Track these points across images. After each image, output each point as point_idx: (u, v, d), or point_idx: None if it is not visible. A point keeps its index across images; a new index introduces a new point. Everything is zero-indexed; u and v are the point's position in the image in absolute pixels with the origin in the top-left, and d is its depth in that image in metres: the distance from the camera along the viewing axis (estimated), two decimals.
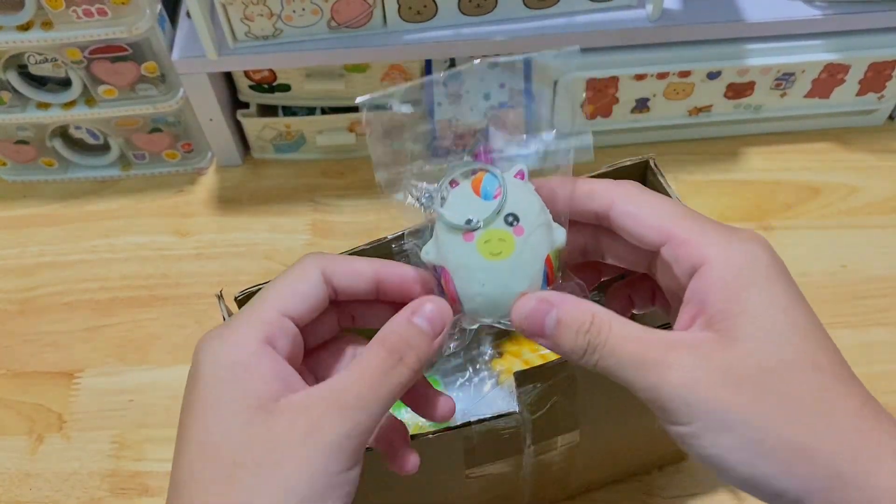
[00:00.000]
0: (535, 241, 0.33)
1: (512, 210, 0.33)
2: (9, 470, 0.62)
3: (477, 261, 0.33)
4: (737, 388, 0.28)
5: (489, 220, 0.33)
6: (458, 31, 0.68)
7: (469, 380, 0.60)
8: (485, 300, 0.33)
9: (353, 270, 0.34)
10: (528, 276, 0.33)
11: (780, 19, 0.69)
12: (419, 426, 0.57)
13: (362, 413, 0.30)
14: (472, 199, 0.34)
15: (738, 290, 0.30)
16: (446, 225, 0.33)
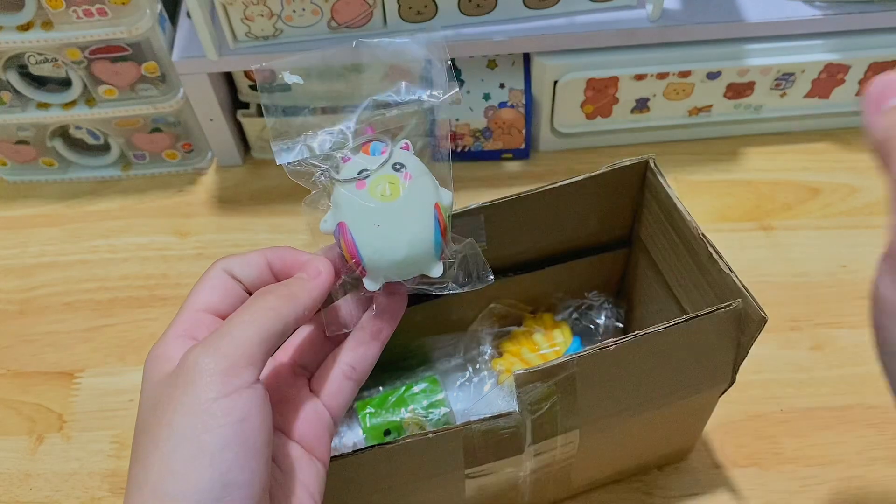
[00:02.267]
0: (423, 186, 0.36)
1: (399, 160, 0.36)
2: (9, 470, 0.62)
3: (370, 204, 0.36)
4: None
5: (378, 166, 0.36)
6: (458, 30, 0.68)
7: (469, 380, 0.60)
8: (380, 242, 0.36)
9: (245, 261, 0.37)
10: (419, 217, 0.36)
11: (780, 19, 0.69)
12: (419, 425, 0.57)
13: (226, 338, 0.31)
14: (362, 157, 0.37)
15: None
16: (342, 181, 0.37)
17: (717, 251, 0.45)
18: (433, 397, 0.58)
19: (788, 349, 0.65)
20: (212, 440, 0.29)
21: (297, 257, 0.38)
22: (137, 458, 0.30)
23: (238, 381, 0.30)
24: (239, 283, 0.37)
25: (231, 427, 0.29)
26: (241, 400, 0.30)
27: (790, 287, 0.69)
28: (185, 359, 0.31)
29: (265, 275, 0.37)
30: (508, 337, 0.60)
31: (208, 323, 0.35)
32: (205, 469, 0.29)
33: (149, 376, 0.33)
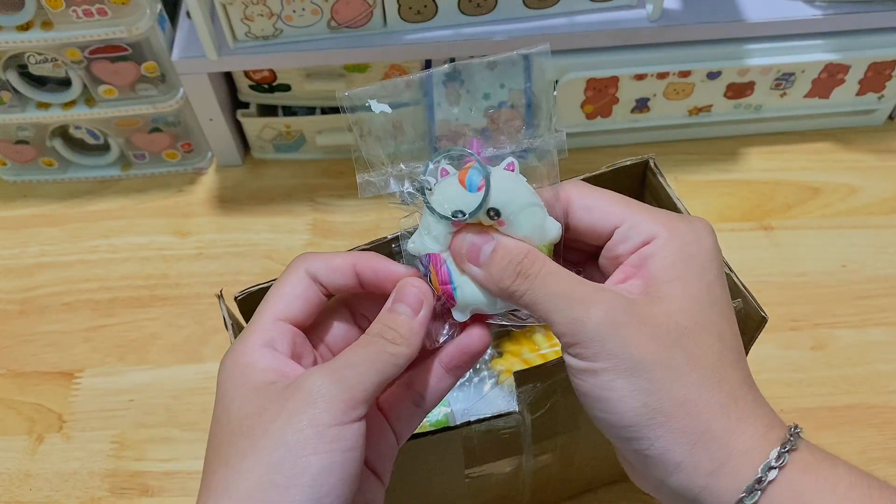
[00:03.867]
0: (520, 227, 0.34)
1: (494, 205, 0.34)
2: (9, 470, 0.62)
3: None
4: (652, 339, 0.30)
5: (472, 214, 0.34)
6: (458, 30, 0.68)
7: (469, 380, 0.60)
8: (476, 284, 0.34)
9: (332, 266, 0.36)
10: None
11: (780, 19, 0.69)
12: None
13: (349, 370, 0.31)
14: (457, 190, 0.35)
15: (677, 261, 0.32)
16: (434, 216, 0.35)
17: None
18: None
19: (788, 349, 0.65)
20: (318, 462, 0.30)
21: (389, 270, 0.36)
22: (225, 462, 0.31)
23: (354, 413, 0.31)
24: (321, 287, 0.36)
25: (339, 454, 0.30)
26: (352, 430, 0.31)
27: (790, 287, 0.69)
28: (307, 380, 0.31)
29: (352, 283, 0.36)
30: (508, 337, 0.60)
31: (288, 334, 0.34)
32: (306, 488, 0.29)
33: (237, 382, 0.33)
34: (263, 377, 0.32)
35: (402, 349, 0.33)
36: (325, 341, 0.37)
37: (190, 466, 0.62)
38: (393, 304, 0.34)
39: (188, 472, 0.61)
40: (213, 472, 0.31)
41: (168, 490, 0.61)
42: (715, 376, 0.31)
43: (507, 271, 0.33)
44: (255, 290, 0.48)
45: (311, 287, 0.35)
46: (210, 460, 0.32)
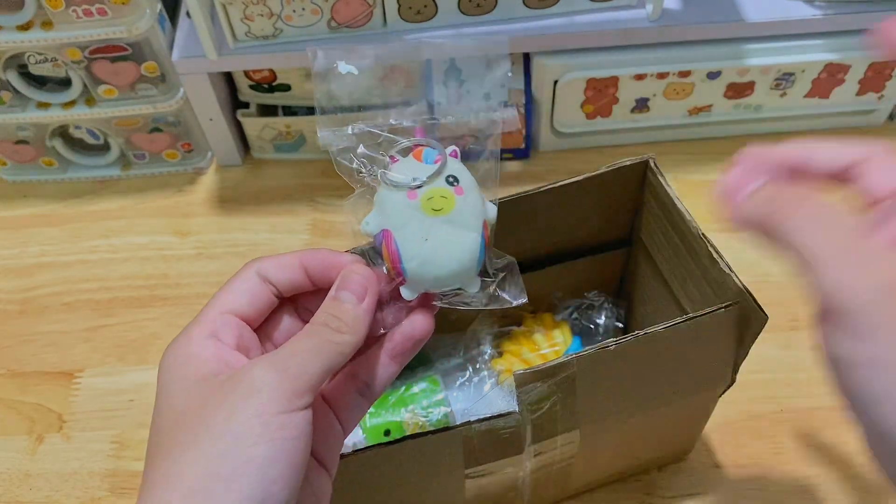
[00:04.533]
0: (473, 202, 0.35)
1: (452, 172, 0.35)
2: (9, 470, 0.62)
3: (419, 216, 0.34)
4: None
5: (432, 178, 0.35)
6: (458, 30, 0.68)
7: (469, 379, 0.60)
8: (427, 256, 0.35)
9: (280, 264, 0.36)
10: (469, 231, 0.35)
11: (780, 19, 0.69)
12: (419, 425, 0.57)
13: (293, 359, 0.31)
14: (413, 164, 0.36)
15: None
16: (391, 184, 0.35)
17: (718, 251, 0.45)
18: (433, 397, 0.58)
19: (788, 349, 0.65)
20: (264, 451, 0.29)
21: (335, 260, 0.36)
22: (168, 455, 0.30)
23: (299, 402, 0.30)
24: (271, 287, 0.36)
25: (285, 443, 0.30)
26: (297, 418, 0.30)
27: (790, 287, 0.69)
28: (250, 370, 0.31)
29: (300, 279, 0.36)
30: (508, 337, 0.60)
31: (234, 326, 0.34)
32: (252, 478, 0.29)
33: (178, 374, 0.32)
34: (206, 368, 0.32)
35: (347, 337, 0.32)
36: (274, 341, 0.36)
37: None
38: (337, 293, 0.34)
39: None
40: (155, 466, 0.30)
41: None
42: None
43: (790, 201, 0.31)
44: None
45: (261, 286, 0.36)
46: (152, 455, 0.31)
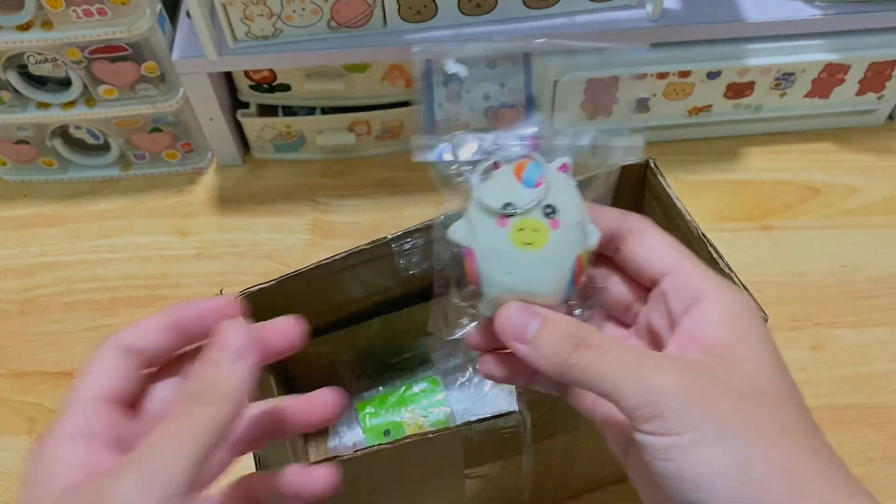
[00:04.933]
0: (570, 238, 0.32)
1: (552, 202, 0.32)
2: (9, 470, 0.62)
3: (507, 248, 0.32)
4: (737, 402, 0.28)
5: (527, 209, 0.31)
6: (458, 30, 0.68)
7: (469, 380, 0.60)
8: (507, 289, 0.32)
9: (140, 330, 0.32)
10: (556, 271, 0.32)
11: (780, 19, 0.69)
12: (419, 426, 0.57)
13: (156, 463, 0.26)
14: (512, 183, 0.32)
15: (737, 323, 0.31)
16: (482, 206, 0.32)
17: (718, 251, 0.45)
18: (433, 397, 0.58)
19: (788, 349, 0.65)
20: None
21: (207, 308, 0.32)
22: None
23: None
24: (138, 357, 0.32)
25: None
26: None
27: (790, 287, 0.69)
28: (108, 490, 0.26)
29: (170, 340, 0.32)
30: None
31: (104, 416, 0.29)
32: None
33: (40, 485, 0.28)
34: (67, 478, 0.27)
35: (221, 409, 0.28)
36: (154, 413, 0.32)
37: None
38: (209, 355, 0.29)
39: None
40: None
41: None
42: (807, 442, 0.28)
43: (564, 344, 0.30)
44: (255, 290, 0.48)
45: (125, 359, 0.31)
46: None
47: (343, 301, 0.53)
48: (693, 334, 0.31)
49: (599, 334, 0.30)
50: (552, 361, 0.30)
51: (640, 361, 0.29)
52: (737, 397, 0.28)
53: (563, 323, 0.31)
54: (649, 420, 0.28)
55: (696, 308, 0.31)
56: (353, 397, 0.60)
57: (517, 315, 0.31)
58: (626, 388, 0.28)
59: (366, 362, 0.60)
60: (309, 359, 0.57)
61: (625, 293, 0.36)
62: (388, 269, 0.51)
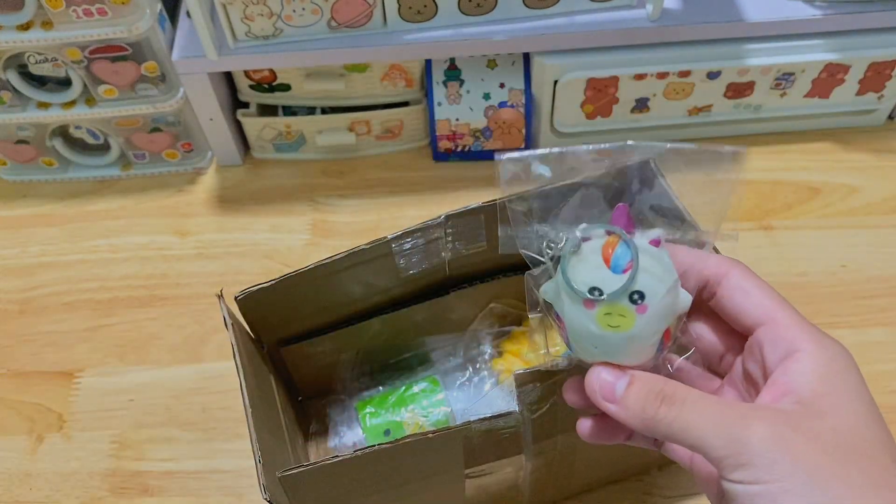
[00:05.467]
0: (657, 317, 0.32)
1: (639, 288, 0.32)
2: (9, 470, 0.62)
3: (593, 328, 0.32)
4: (825, 454, 0.28)
5: (613, 297, 0.32)
6: (458, 30, 0.68)
7: (469, 379, 0.60)
8: (594, 358, 0.33)
9: None
10: (642, 348, 0.33)
11: (780, 19, 0.69)
12: (419, 426, 0.57)
13: None
14: (599, 267, 0.32)
15: (830, 375, 0.31)
16: (569, 289, 0.32)
17: (718, 251, 0.45)
18: (433, 397, 0.58)
19: None
20: None
21: None
22: None
23: None
24: None
25: None
26: None
27: (790, 287, 0.69)
28: None
29: None
30: (508, 337, 0.60)
31: None
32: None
33: None
34: None
35: None
36: None
37: (190, 466, 0.62)
38: None
39: (188, 472, 0.61)
40: None
41: (168, 490, 0.61)
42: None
43: (650, 400, 0.31)
44: (255, 290, 0.48)
45: None
46: None
47: (343, 301, 0.53)
48: (786, 385, 0.31)
49: (685, 389, 0.31)
50: (640, 418, 0.31)
51: (725, 412, 0.30)
52: (827, 449, 0.28)
53: (649, 381, 0.32)
54: (736, 469, 0.28)
55: (790, 360, 0.31)
56: (353, 397, 0.60)
57: (605, 376, 0.33)
58: (713, 438, 0.29)
59: (366, 362, 0.60)
60: (309, 359, 0.57)
61: (717, 342, 0.36)
62: (388, 269, 0.51)
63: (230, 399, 0.65)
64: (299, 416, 0.60)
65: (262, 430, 0.43)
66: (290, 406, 0.57)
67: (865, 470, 0.28)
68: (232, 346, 0.45)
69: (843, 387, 0.30)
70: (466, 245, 0.52)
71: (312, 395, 0.61)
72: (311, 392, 0.61)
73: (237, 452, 0.62)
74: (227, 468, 0.61)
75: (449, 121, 0.76)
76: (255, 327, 0.52)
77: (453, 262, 0.53)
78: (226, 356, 0.67)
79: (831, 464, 0.28)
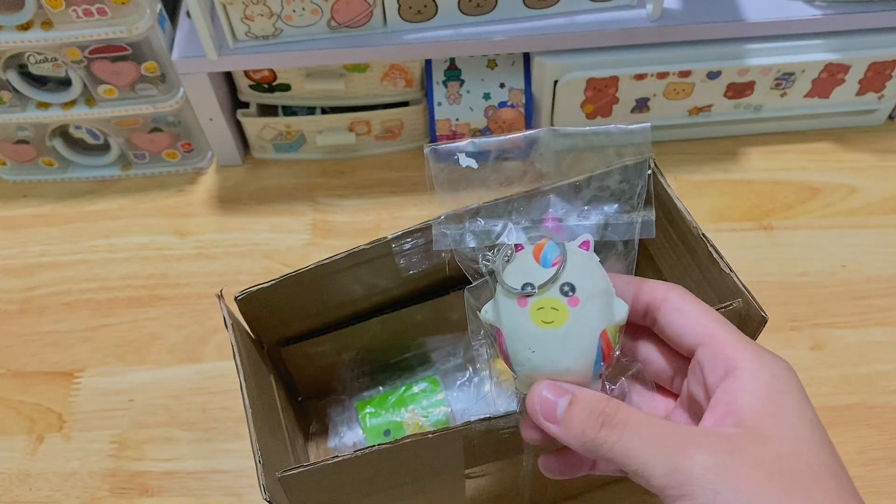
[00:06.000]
0: (591, 314, 0.32)
1: (569, 280, 0.32)
2: (9, 470, 0.62)
3: (528, 327, 0.32)
4: (768, 481, 0.28)
5: (544, 288, 0.32)
6: (458, 30, 0.68)
7: (469, 380, 0.60)
8: (533, 367, 0.33)
9: None
10: (578, 348, 0.32)
11: (780, 19, 0.69)
12: (419, 426, 0.57)
13: None
14: (531, 265, 0.33)
15: (771, 394, 0.30)
16: (503, 288, 0.33)
17: (718, 251, 0.45)
18: (433, 397, 0.58)
19: (788, 349, 0.65)
20: None
21: None
22: None
23: None
24: None
25: None
26: None
27: (790, 287, 0.69)
28: None
29: None
30: None
31: None
32: None
33: None
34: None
35: None
36: None
37: (190, 466, 0.62)
38: None
39: (188, 472, 0.61)
40: None
41: (168, 490, 0.61)
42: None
43: (590, 422, 0.30)
44: (255, 290, 0.48)
45: None
46: None
47: (343, 301, 0.53)
48: (727, 406, 0.30)
49: (626, 409, 0.30)
50: (581, 440, 0.30)
51: (667, 438, 0.29)
52: (771, 476, 0.28)
53: (590, 400, 0.31)
54: (679, 499, 0.28)
55: (730, 378, 0.31)
56: (353, 397, 0.60)
57: (546, 393, 0.32)
58: (654, 466, 0.28)
59: (366, 362, 0.60)
60: (309, 359, 0.57)
61: (665, 366, 0.36)
62: (388, 269, 0.51)
63: (230, 399, 0.65)
64: (299, 416, 0.60)
65: (262, 430, 0.43)
66: (290, 406, 0.57)
67: (810, 496, 0.28)
68: (232, 346, 0.45)
69: (785, 407, 0.30)
70: None
71: (312, 395, 0.61)
72: (311, 392, 0.61)
73: (237, 452, 0.62)
74: (227, 468, 0.61)
75: (449, 121, 0.76)
76: (255, 327, 0.52)
77: (453, 263, 0.53)
78: (226, 356, 0.67)
79: (775, 491, 0.27)
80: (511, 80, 0.74)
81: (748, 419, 0.29)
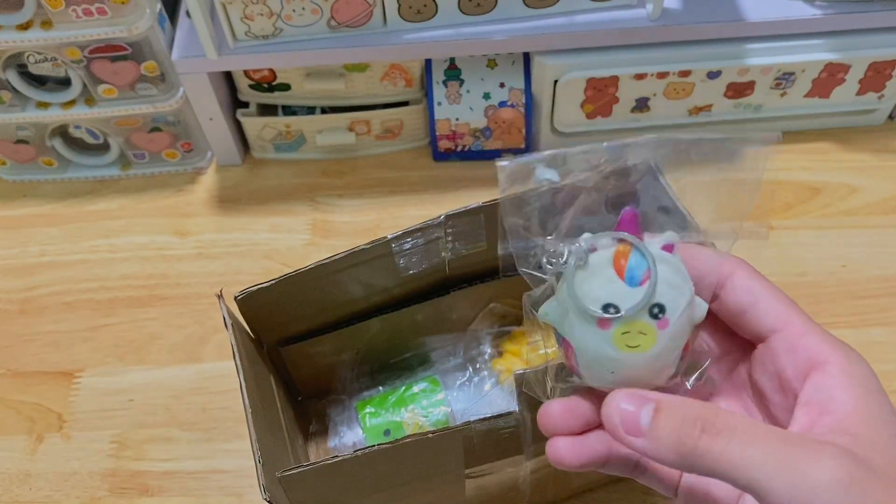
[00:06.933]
0: (678, 332, 0.29)
1: (659, 300, 0.28)
2: (9, 470, 0.62)
3: (610, 352, 0.29)
4: (891, 492, 0.25)
5: (632, 311, 0.28)
6: (458, 30, 0.68)
7: (469, 379, 0.60)
8: (611, 385, 0.30)
9: None
10: (663, 368, 0.30)
11: (780, 19, 0.69)
12: (419, 426, 0.57)
13: None
14: (612, 280, 0.29)
15: (867, 395, 0.28)
16: (580, 307, 0.29)
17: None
18: (433, 397, 0.58)
19: None
20: None
21: None
22: None
23: None
24: None
25: None
26: None
27: (790, 287, 0.68)
28: None
29: None
30: (508, 337, 0.60)
31: None
32: None
33: None
34: None
35: None
36: None
37: (190, 466, 0.62)
38: None
39: (188, 472, 0.61)
40: None
41: (168, 490, 0.61)
42: None
43: (686, 429, 0.26)
44: (255, 290, 0.48)
45: None
46: None
47: (343, 301, 0.53)
48: (822, 405, 0.28)
49: (726, 414, 0.27)
50: (677, 451, 0.26)
51: (785, 448, 0.26)
52: (888, 488, 0.25)
53: (680, 407, 0.27)
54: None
55: (818, 374, 0.28)
56: (352, 397, 0.60)
57: (625, 406, 0.28)
58: (773, 479, 0.25)
59: (366, 362, 0.60)
60: (309, 359, 0.57)
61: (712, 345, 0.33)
62: (388, 269, 0.51)
63: (230, 399, 0.65)
64: (299, 416, 0.60)
65: (262, 430, 0.43)
66: (290, 406, 0.57)
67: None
68: (232, 346, 0.45)
69: (881, 410, 0.28)
70: (466, 245, 0.52)
71: (312, 395, 0.61)
72: (311, 392, 0.61)
73: (237, 452, 0.62)
74: (227, 468, 0.61)
75: (449, 120, 0.76)
76: (255, 327, 0.52)
77: (453, 262, 0.53)
78: (226, 356, 0.67)
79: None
80: (511, 80, 0.74)
81: (852, 424, 0.27)
